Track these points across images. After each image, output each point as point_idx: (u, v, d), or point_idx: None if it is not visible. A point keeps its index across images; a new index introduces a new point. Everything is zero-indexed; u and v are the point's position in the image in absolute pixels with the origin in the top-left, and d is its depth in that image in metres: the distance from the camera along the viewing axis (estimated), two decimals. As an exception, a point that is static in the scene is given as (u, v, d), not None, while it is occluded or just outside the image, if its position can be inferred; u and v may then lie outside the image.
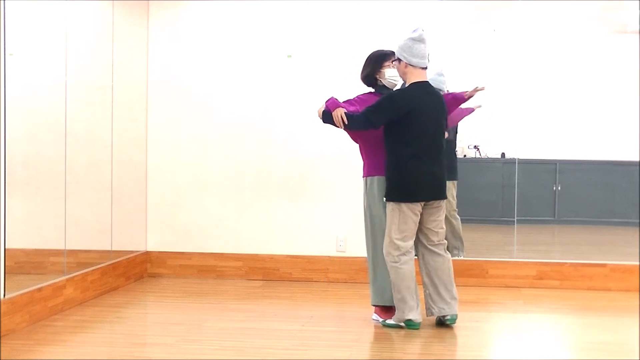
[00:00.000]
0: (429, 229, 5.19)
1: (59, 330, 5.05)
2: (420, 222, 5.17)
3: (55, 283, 5.44)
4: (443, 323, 5.23)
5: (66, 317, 5.37)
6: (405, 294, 5.09)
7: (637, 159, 8.80)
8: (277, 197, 6.84)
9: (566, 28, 9.33)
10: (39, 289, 5.23)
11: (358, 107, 5.22)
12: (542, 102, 9.42)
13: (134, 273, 6.68)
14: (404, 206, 5.06)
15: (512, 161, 8.23)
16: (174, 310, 5.75)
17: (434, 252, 5.21)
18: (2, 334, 4.76)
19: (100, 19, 6.24)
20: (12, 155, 4.92)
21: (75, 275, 5.72)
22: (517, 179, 7.81)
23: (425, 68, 5.14)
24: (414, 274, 5.14)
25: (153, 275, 6.93)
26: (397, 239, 5.08)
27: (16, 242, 5.07)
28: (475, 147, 9.69)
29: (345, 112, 5.07)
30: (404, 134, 5.05)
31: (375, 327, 5.36)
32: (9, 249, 4.89)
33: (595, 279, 6.58)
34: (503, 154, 9.47)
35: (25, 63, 5.22)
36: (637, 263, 6.53)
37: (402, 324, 5.18)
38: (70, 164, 5.65)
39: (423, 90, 5.12)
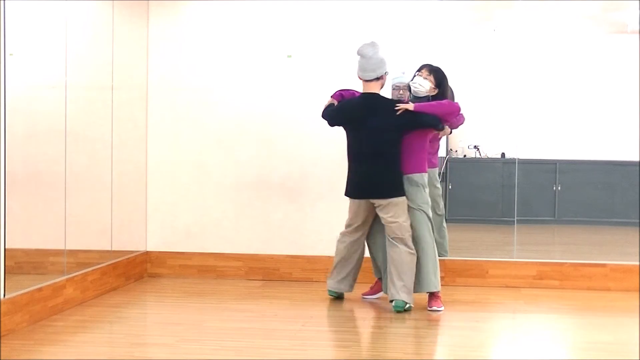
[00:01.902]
0: (385, 224, 5.74)
1: (59, 330, 5.05)
2: (379, 217, 5.80)
3: (55, 283, 5.44)
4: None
5: (66, 317, 5.37)
6: (334, 263, 5.99)
7: (637, 159, 8.81)
8: (276, 197, 6.84)
9: (566, 28, 9.33)
10: (39, 289, 5.23)
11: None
12: (542, 102, 9.42)
13: (134, 273, 6.68)
14: (349, 200, 5.87)
15: (512, 161, 8.23)
16: (174, 310, 5.75)
17: (392, 244, 5.70)
18: (2, 334, 4.76)
19: (100, 19, 6.24)
20: (12, 155, 4.92)
21: (75, 275, 5.72)
22: (517, 179, 7.81)
23: (369, 80, 5.72)
24: (341, 252, 5.90)
25: (153, 275, 6.93)
26: (345, 225, 5.94)
27: (16, 242, 5.07)
28: (475, 147, 9.70)
29: (330, 104, 5.92)
30: (347, 138, 5.84)
31: (375, 327, 5.37)
32: (9, 249, 4.89)
33: (595, 279, 6.58)
34: (503, 154, 9.48)
35: (25, 63, 5.22)
36: (637, 263, 6.53)
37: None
38: (70, 164, 5.65)
39: (365, 101, 5.75)
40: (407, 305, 5.63)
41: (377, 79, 5.71)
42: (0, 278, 4.79)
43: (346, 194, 5.87)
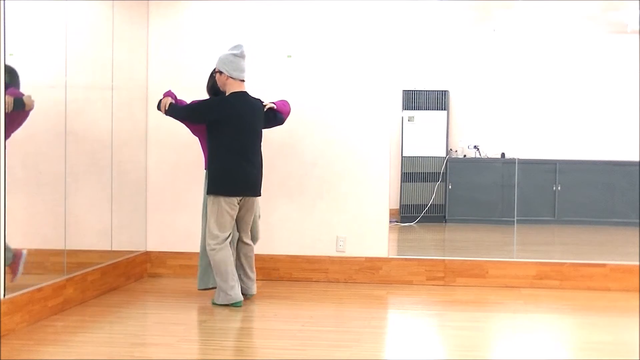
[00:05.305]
0: (246, 222, 5.90)
1: (59, 330, 5.05)
2: (238, 216, 5.84)
3: (55, 283, 5.44)
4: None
5: (66, 317, 5.37)
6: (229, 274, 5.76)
7: (637, 159, 8.81)
8: (277, 197, 6.84)
9: (566, 28, 9.34)
10: (39, 289, 5.23)
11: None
12: (541, 102, 9.43)
13: (134, 273, 6.68)
14: (222, 200, 5.69)
15: (512, 161, 8.23)
16: (174, 310, 5.75)
17: (245, 242, 5.94)
18: (2, 334, 4.76)
19: (100, 19, 6.24)
20: (12, 155, 4.92)
21: (75, 275, 5.72)
22: (517, 179, 7.82)
23: (244, 80, 5.84)
24: (231, 259, 5.74)
25: (153, 275, 6.93)
26: (213, 231, 5.73)
27: (16, 242, 5.07)
28: (475, 147, 9.71)
29: (171, 102, 5.87)
30: (221, 134, 5.73)
31: (375, 327, 5.37)
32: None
33: (595, 279, 6.58)
34: (503, 154, 9.49)
35: (25, 63, 5.22)
36: (637, 263, 6.53)
37: (228, 303, 5.74)
38: (70, 164, 5.65)
39: (241, 99, 5.79)
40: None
41: None
42: (0, 278, 4.79)
43: (227, 194, 5.69)
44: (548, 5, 8.47)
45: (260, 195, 5.92)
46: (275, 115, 6.02)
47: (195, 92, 6.88)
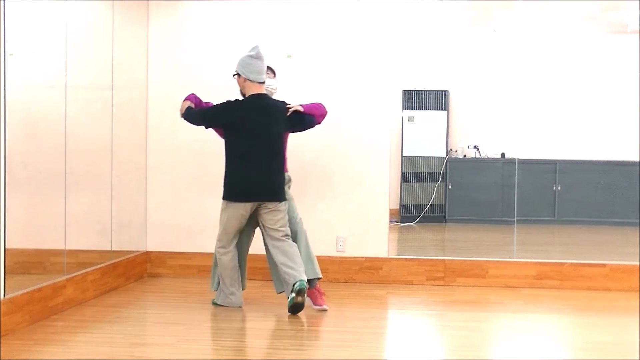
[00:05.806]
0: (270, 228, 5.65)
1: (59, 330, 5.05)
2: (261, 223, 5.68)
3: (55, 283, 5.44)
4: (297, 293, 5.43)
5: (66, 317, 5.37)
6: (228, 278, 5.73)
7: (637, 159, 8.82)
8: (277, 197, 6.83)
9: (566, 28, 9.35)
10: (39, 289, 5.23)
11: None
12: (541, 102, 9.44)
13: (134, 273, 6.68)
14: (230, 205, 5.60)
15: (512, 161, 8.24)
16: (174, 310, 5.75)
17: (280, 240, 5.64)
18: (2, 334, 4.75)
19: (100, 19, 6.24)
20: (12, 154, 4.92)
21: (75, 275, 5.72)
22: (517, 179, 7.82)
23: (263, 82, 5.66)
24: (234, 263, 5.70)
25: (153, 275, 6.93)
26: (221, 233, 5.70)
27: (16, 242, 5.07)
28: (475, 147, 9.71)
29: (188, 106, 5.76)
30: (233, 138, 5.62)
31: (375, 327, 5.36)
32: (9, 249, 4.88)
33: (595, 279, 6.58)
34: (503, 154, 9.50)
35: (25, 63, 5.22)
36: (637, 263, 6.53)
37: (228, 305, 5.72)
38: (70, 164, 5.65)
39: (258, 102, 5.62)
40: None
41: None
42: (0, 278, 4.79)
43: (234, 199, 5.58)
44: (548, 5, 8.48)
45: (280, 201, 5.62)
46: (303, 118, 5.71)
47: (195, 92, 6.89)
